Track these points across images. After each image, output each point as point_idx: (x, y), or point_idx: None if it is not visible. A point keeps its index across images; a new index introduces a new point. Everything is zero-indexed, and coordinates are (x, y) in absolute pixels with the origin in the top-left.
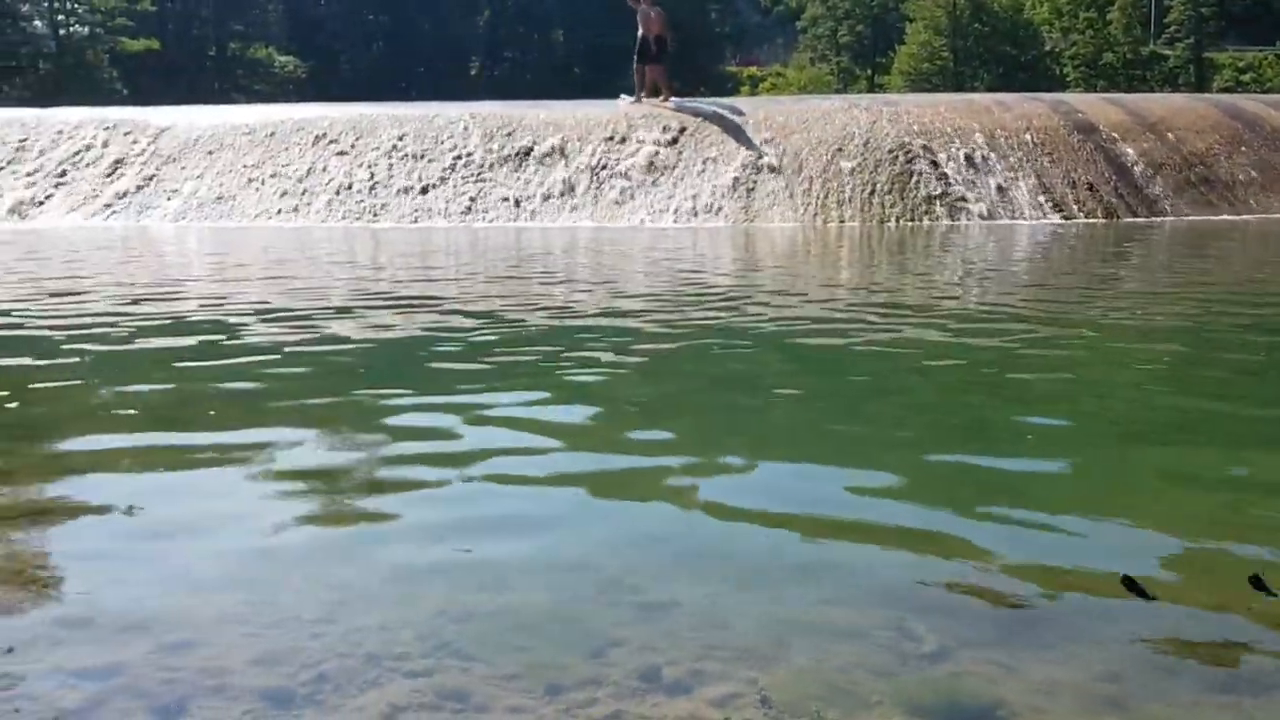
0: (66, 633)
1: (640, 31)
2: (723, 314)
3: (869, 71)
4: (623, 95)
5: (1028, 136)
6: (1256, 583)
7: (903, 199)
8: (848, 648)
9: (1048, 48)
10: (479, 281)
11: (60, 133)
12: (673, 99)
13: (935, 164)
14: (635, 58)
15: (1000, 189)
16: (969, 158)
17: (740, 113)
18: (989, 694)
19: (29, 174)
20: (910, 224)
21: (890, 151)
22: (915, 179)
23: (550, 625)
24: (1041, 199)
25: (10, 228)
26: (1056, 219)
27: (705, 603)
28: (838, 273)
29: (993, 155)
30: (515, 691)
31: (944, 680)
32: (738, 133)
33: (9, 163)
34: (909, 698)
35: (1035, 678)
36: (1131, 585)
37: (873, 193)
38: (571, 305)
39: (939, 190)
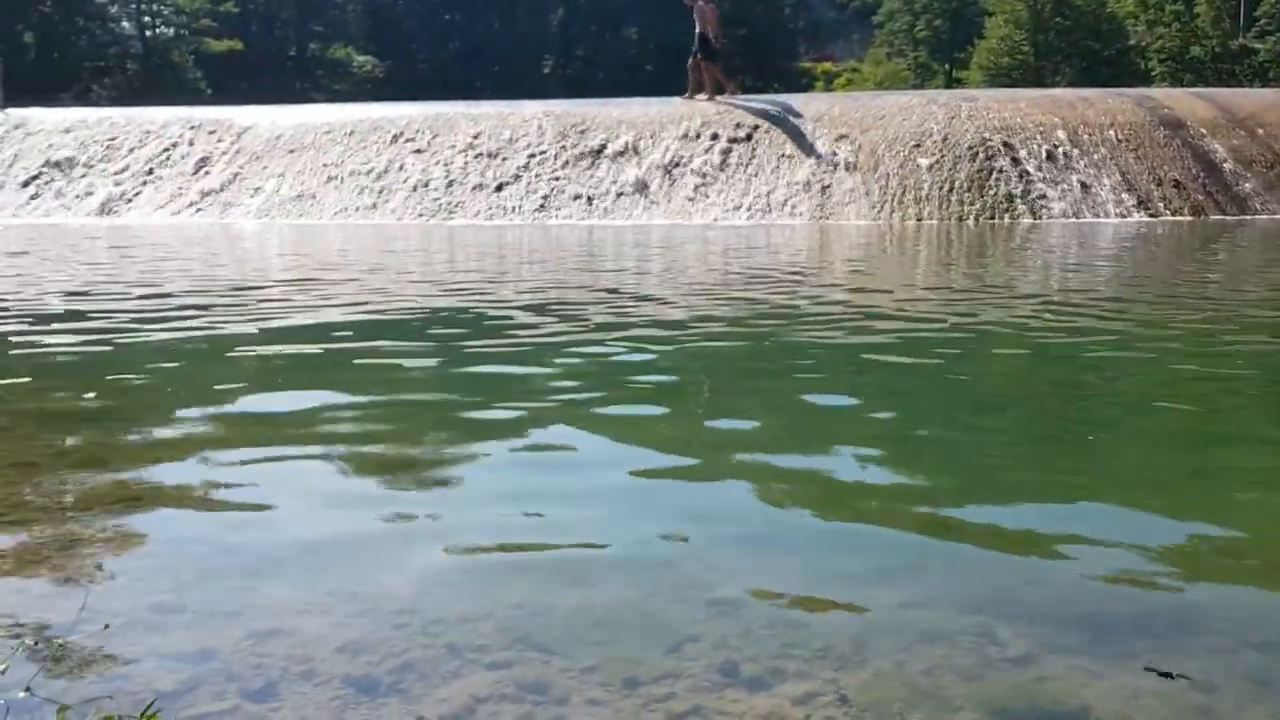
0: (160, 619)
1: (699, 29)
2: (806, 314)
3: (947, 66)
4: (718, 96)
5: (1112, 133)
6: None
7: (982, 196)
8: (931, 650)
9: (1132, 42)
10: (568, 288)
11: (148, 132)
12: (705, 95)
13: (1016, 161)
14: (697, 54)
15: (1083, 186)
16: (1050, 154)
17: (798, 114)
18: (1074, 699)
19: (118, 171)
20: (990, 222)
21: (969, 148)
22: (995, 176)
23: (628, 620)
24: (1126, 196)
25: (101, 223)
26: (1142, 217)
27: (784, 602)
28: (917, 274)
29: (1075, 152)
30: (594, 684)
31: (1028, 685)
32: (796, 133)
33: (99, 160)
34: (993, 702)
35: (1121, 684)
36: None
37: (951, 190)
38: (649, 305)
39: (1019, 188)
